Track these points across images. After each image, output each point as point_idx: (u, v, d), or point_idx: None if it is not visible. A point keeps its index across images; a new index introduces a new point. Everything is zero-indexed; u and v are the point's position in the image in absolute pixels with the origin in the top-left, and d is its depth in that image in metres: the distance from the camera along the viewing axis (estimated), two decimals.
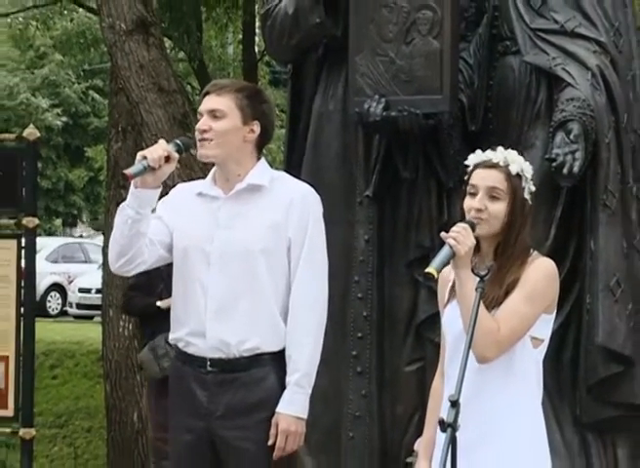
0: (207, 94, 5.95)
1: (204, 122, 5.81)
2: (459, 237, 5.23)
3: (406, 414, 6.94)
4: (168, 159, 5.69)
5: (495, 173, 5.42)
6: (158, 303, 11.31)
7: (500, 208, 5.38)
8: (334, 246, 6.13)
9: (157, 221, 5.89)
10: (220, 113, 5.81)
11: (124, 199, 5.94)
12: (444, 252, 5.22)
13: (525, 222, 5.47)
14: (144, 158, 5.64)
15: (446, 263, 5.25)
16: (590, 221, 6.68)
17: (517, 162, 5.46)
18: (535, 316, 5.38)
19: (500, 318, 5.27)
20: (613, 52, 6.76)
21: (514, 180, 5.41)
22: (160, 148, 5.70)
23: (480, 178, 5.43)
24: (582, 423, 6.74)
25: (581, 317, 6.67)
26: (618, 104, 6.70)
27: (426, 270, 5.21)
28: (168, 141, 5.83)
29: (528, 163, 5.49)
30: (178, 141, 5.80)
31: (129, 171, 5.66)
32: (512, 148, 5.67)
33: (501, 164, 5.43)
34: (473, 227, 5.32)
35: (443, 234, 5.24)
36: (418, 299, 6.83)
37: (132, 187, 5.72)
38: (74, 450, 19.75)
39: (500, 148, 5.50)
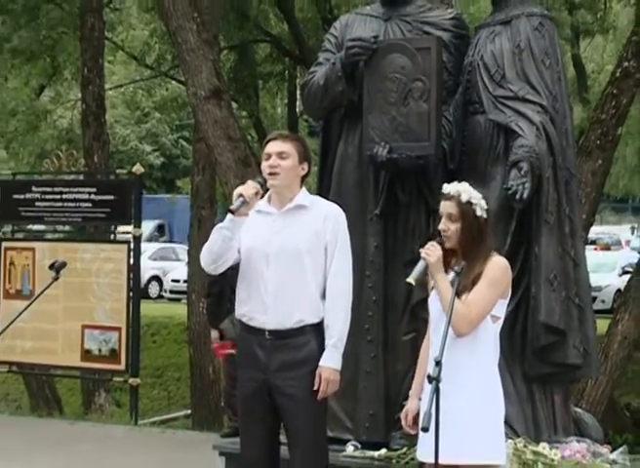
0: (273, 139, 5.95)
1: (275, 160, 5.84)
2: (428, 251, 5.36)
3: (403, 371, 6.88)
4: (257, 194, 5.73)
5: (449, 202, 5.49)
6: None
7: (456, 227, 5.43)
8: (351, 250, 6.11)
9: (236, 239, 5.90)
10: (285, 155, 5.84)
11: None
12: (419, 265, 5.38)
13: (482, 233, 5.53)
14: (241, 195, 5.69)
15: (422, 273, 5.39)
16: (535, 233, 6.65)
17: (467, 191, 5.51)
18: (494, 299, 5.40)
19: (472, 302, 5.29)
20: (551, 112, 6.72)
21: (464, 206, 5.45)
22: (251, 187, 5.73)
23: (442, 207, 5.53)
24: (529, 377, 6.70)
25: (529, 301, 6.64)
26: (555, 150, 6.67)
27: (407, 280, 5.42)
28: (252, 179, 5.85)
29: (475, 191, 5.51)
30: (259, 180, 5.81)
31: (232, 207, 5.71)
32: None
33: (454, 194, 5.49)
34: (442, 244, 5.42)
35: (421, 250, 5.41)
36: (411, 288, 6.79)
37: (229, 216, 5.75)
38: (167, 394, 19.73)
39: (454, 183, 5.56)
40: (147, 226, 36.04)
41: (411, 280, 5.40)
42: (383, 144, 6.81)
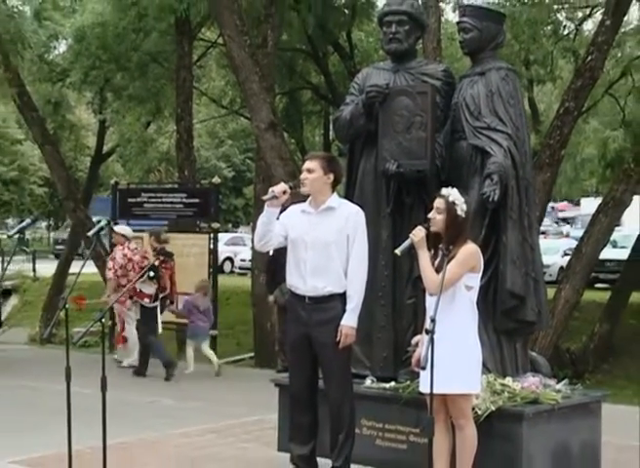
0: (305, 160, 6.06)
1: (304, 174, 5.93)
2: (415, 232, 5.49)
3: (407, 325, 6.83)
4: (285, 192, 5.77)
5: (440, 199, 5.58)
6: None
7: (440, 217, 5.52)
8: (370, 238, 6.09)
9: (280, 224, 5.95)
10: (311, 170, 5.91)
11: (260, 214, 6.01)
12: (406, 242, 5.51)
13: (460, 227, 5.59)
14: (273, 191, 5.78)
15: (407, 248, 5.51)
16: (503, 226, 6.57)
17: (454, 195, 5.59)
18: (461, 273, 5.46)
19: (445, 272, 5.35)
20: (515, 138, 6.63)
21: (450, 204, 5.53)
22: (281, 186, 5.82)
23: (435, 202, 5.59)
24: (498, 330, 6.62)
25: (498, 276, 6.55)
26: (517, 166, 6.58)
27: (394, 251, 5.62)
28: (286, 183, 5.97)
29: (461, 197, 5.59)
30: (290, 184, 5.90)
31: (264, 197, 5.85)
32: (462, 188, 5.85)
33: (445, 195, 5.57)
34: (428, 228, 5.51)
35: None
36: (413, 265, 6.72)
37: (266, 206, 5.83)
38: (237, 341, 19.73)
39: (449, 188, 5.63)
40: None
41: (397, 251, 5.57)
42: (393, 162, 6.75)
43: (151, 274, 11.18)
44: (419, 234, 5.49)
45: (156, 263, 11.30)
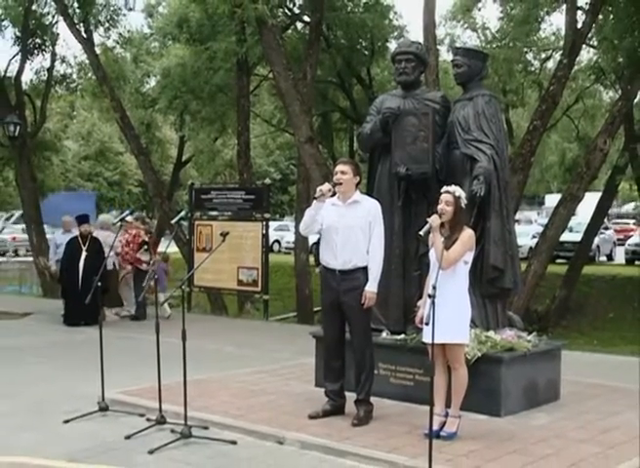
0: (339, 163, 5.93)
1: (339, 176, 5.80)
2: (433, 218, 5.32)
3: (413, 292, 6.73)
4: (329, 190, 5.71)
5: (449, 195, 5.43)
6: None
7: (450, 209, 5.37)
8: (386, 225, 6.01)
9: (319, 215, 5.82)
10: (344, 172, 5.81)
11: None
12: (426, 226, 5.31)
13: (462, 216, 5.48)
14: (321, 190, 5.69)
15: (427, 231, 5.32)
16: (487, 215, 6.48)
17: (458, 191, 5.47)
18: (463, 252, 5.34)
19: (451, 253, 5.26)
20: (496, 148, 6.53)
21: (456, 198, 5.40)
22: (326, 186, 5.72)
23: (443, 196, 5.44)
24: (483, 295, 6.53)
25: (484, 253, 6.46)
26: (498, 169, 6.49)
27: (419, 233, 5.38)
28: (328, 183, 5.85)
29: (463, 192, 5.47)
30: (332, 184, 5.78)
31: (315, 195, 5.72)
32: (458, 185, 5.58)
33: (452, 191, 5.42)
34: (440, 216, 5.33)
35: (428, 219, 5.37)
36: (419, 246, 6.65)
37: (314, 202, 5.74)
38: (283, 304, 19.71)
39: (452, 185, 5.49)
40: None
41: (421, 233, 5.40)
42: (403, 166, 6.67)
43: (146, 246, 12.06)
44: (436, 220, 5.39)
45: (147, 239, 12.17)
